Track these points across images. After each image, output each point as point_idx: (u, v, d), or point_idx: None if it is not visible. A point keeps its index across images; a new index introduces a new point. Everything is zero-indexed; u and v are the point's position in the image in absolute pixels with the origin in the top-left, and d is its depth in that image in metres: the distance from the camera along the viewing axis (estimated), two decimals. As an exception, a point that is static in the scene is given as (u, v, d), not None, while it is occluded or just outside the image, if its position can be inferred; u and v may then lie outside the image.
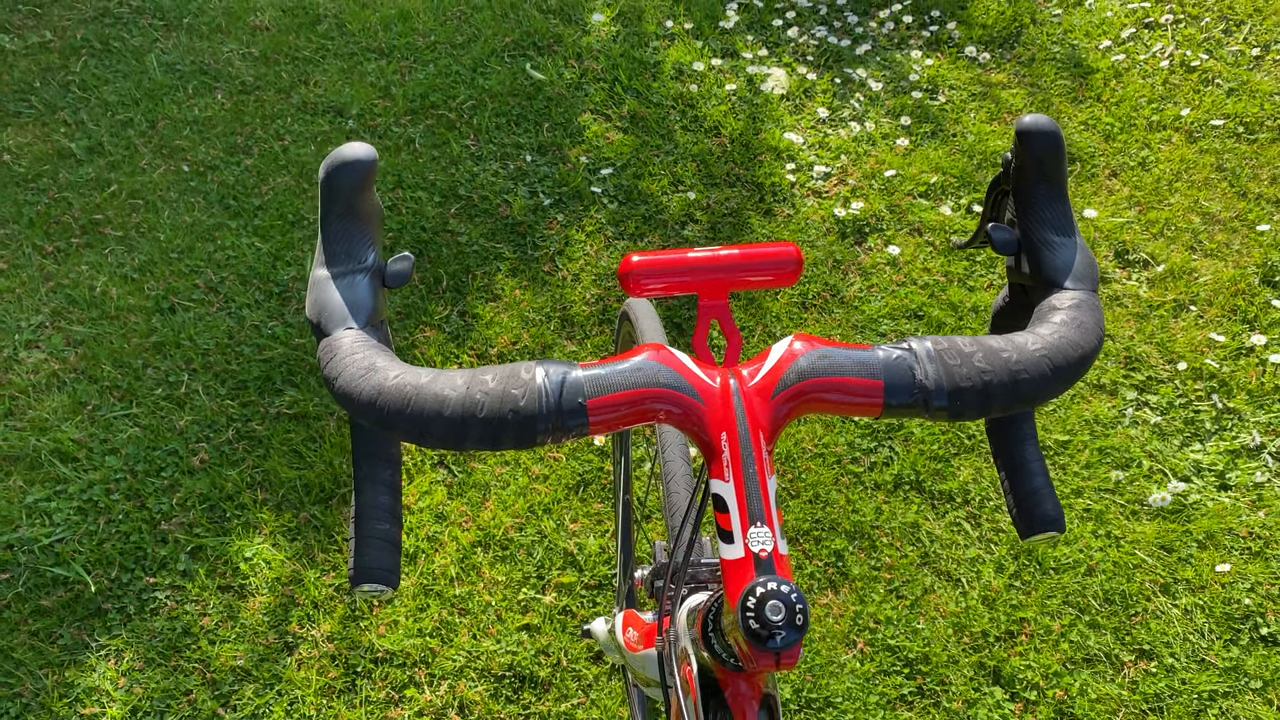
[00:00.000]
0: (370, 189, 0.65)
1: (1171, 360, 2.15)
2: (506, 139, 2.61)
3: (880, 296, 2.28)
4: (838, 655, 1.75)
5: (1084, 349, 0.64)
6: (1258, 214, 2.41)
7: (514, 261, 2.35)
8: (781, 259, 0.74)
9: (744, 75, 2.78)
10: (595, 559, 1.87)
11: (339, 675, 1.74)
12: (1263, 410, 2.05)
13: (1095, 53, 2.84)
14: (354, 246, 0.65)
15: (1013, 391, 0.62)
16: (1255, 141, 2.58)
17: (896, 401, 0.61)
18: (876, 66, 2.82)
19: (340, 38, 2.90)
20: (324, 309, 0.64)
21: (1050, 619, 1.79)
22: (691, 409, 0.61)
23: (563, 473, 1.98)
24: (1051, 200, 0.68)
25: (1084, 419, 2.06)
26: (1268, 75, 2.73)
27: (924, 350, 0.62)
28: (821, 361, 0.61)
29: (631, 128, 2.64)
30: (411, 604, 1.82)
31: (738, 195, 2.49)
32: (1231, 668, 1.73)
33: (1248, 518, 1.90)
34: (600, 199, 2.48)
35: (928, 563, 1.87)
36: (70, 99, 2.74)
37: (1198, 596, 1.82)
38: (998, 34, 2.91)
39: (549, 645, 1.76)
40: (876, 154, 2.59)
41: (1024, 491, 0.70)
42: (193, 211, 2.46)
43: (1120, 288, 2.29)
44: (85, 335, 2.21)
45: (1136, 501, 1.94)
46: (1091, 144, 2.60)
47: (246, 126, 2.66)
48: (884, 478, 1.97)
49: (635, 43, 2.86)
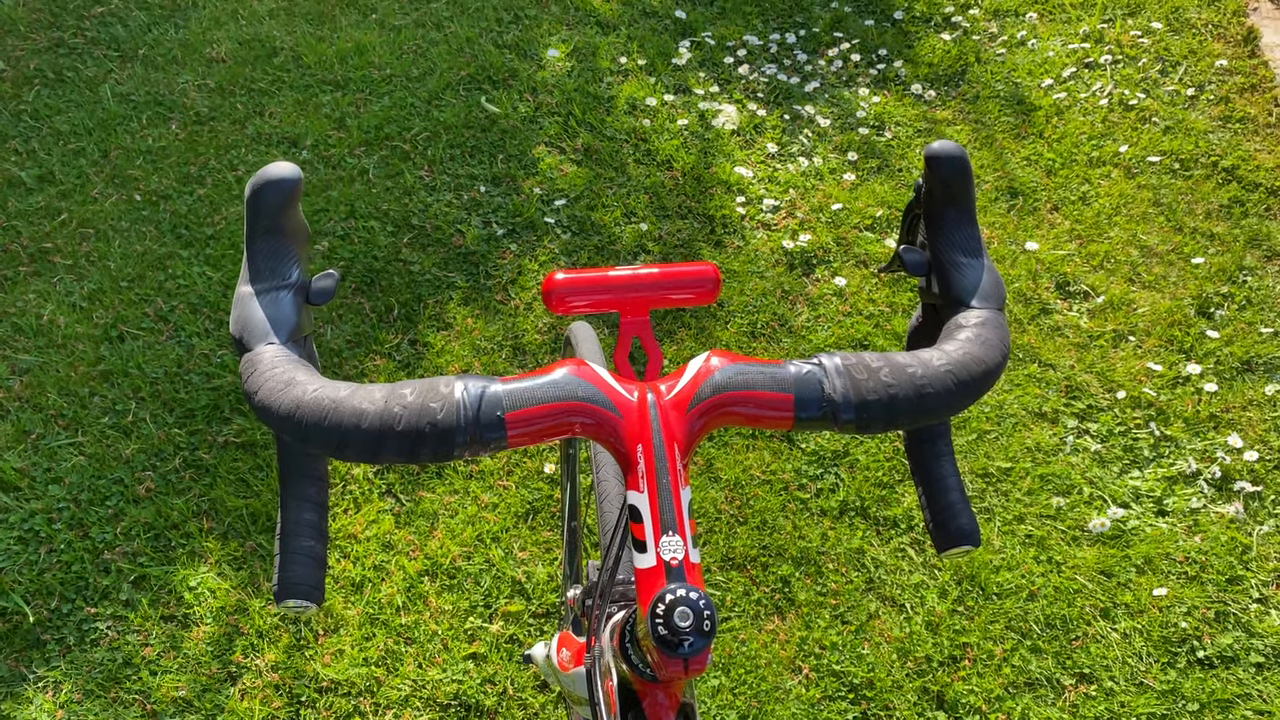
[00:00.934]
0: (295, 207, 0.66)
1: (1111, 389, 2.20)
2: (461, 170, 2.64)
3: (827, 326, 2.31)
4: (783, 681, 1.76)
5: (988, 364, 0.66)
6: (1193, 247, 2.48)
7: (466, 290, 2.36)
8: (700, 278, 0.76)
9: (696, 111, 2.83)
10: (543, 587, 1.87)
11: (283, 705, 1.72)
12: (1198, 438, 2.10)
13: (1037, 91, 2.92)
14: (278, 263, 0.66)
15: (918, 405, 0.64)
16: (1190, 177, 2.66)
17: (806, 415, 0.63)
18: (825, 103, 2.88)
19: (296, 70, 2.91)
20: (246, 324, 0.65)
21: (993, 644, 1.82)
22: (607, 421, 0.62)
23: (512, 501, 1.98)
24: (960, 223, 0.71)
25: (1026, 446, 2.10)
26: (1202, 114, 2.82)
27: (833, 365, 0.64)
28: (736, 376, 0.63)
29: (585, 160, 2.68)
30: (357, 633, 1.81)
31: (689, 227, 2.52)
32: (1169, 690, 1.76)
33: (1184, 543, 1.95)
34: (554, 229, 2.50)
35: (873, 588, 1.89)
36: (21, 128, 2.73)
37: (1136, 620, 1.85)
38: (943, 72, 2.98)
39: (495, 674, 1.76)
40: (824, 188, 2.64)
41: (940, 506, 0.72)
42: (144, 240, 2.45)
43: (1061, 318, 2.34)
44: (31, 364, 2.19)
45: (1077, 527, 1.97)
46: (1034, 179, 2.67)
47: (200, 157, 2.66)
48: (830, 504, 2.00)
49: (589, 78, 2.91)
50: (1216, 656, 1.80)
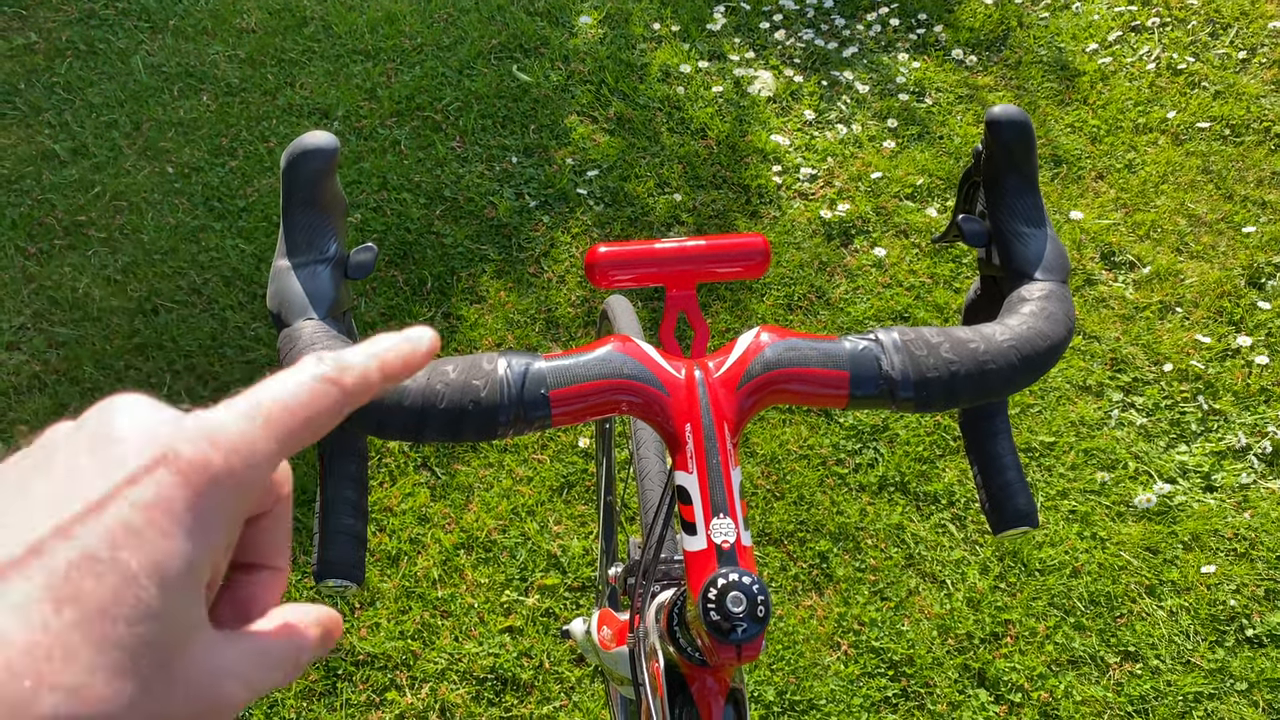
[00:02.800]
0: (332, 178, 0.64)
1: (1157, 362, 2.15)
2: (492, 141, 2.61)
3: (866, 298, 2.27)
4: (822, 657, 1.74)
5: (1052, 339, 0.63)
6: (1243, 216, 2.41)
7: (499, 263, 2.34)
8: (749, 250, 0.73)
9: (731, 78, 2.78)
10: (579, 561, 1.85)
11: (319, 678, 1.72)
12: (1248, 411, 2.05)
13: (1082, 56, 2.84)
14: (315, 237, 0.64)
15: (980, 382, 0.61)
16: (1241, 144, 2.58)
17: (862, 393, 0.60)
18: (863, 69, 2.82)
19: (326, 40, 2.89)
20: (284, 299, 0.63)
21: (1035, 621, 1.79)
22: (655, 400, 0.60)
23: (546, 475, 1.97)
24: (1021, 191, 0.68)
25: (1070, 421, 2.05)
26: (1254, 78, 2.74)
27: (891, 341, 0.61)
28: (788, 353, 0.61)
29: (618, 130, 2.64)
30: (393, 606, 1.81)
31: (724, 197, 2.48)
32: (1217, 669, 1.73)
33: (1233, 519, 1.90)
34: (586, 201, 2.47)
35: (912, 564, 1.86)
36: (55, 101, 2.73)
37: (1183, 598, 1.81)
38: (984, 37, 2.91)
39: (532, 648, 1.75)
40: (863, 156, 2.59)
41: (996, 486, 0.70)
42: (177, 213, 2.45)
43: (1106, 289, 2.29)
44: (67, 337, 2.19)
45: (1122, 503, 1.93)
46: (1078, 146, 2.60)
47: (232, 129, 2.65)
48: (869, 479, 1.97)
49: (622, 45, 2.86)
50: (1266, 635, 1.76)
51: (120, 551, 0.29)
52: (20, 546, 0.28)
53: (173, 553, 0.29)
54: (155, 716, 0.29)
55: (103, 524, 0.29)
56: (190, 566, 0.30)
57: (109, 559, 0.28)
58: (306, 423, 0.35)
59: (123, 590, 0.28)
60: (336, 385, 0.36)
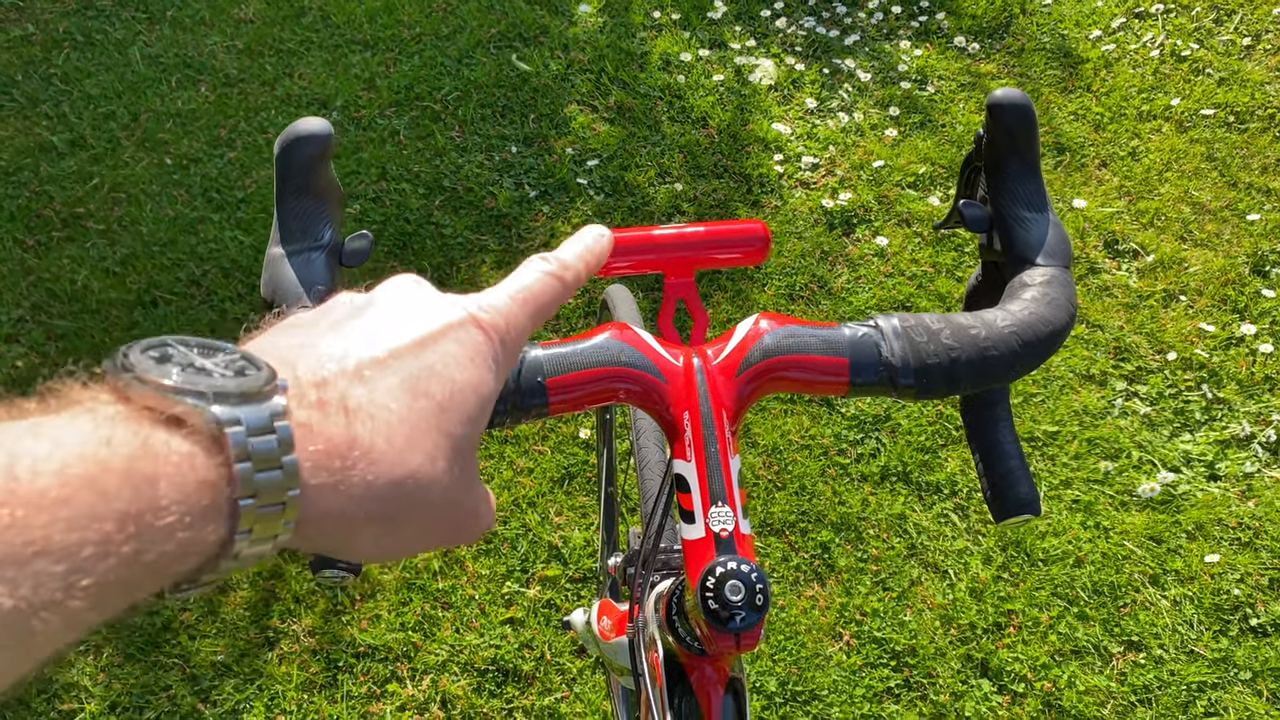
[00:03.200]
0: (326, 164, 0.63)
1: (1161, 350, 2.14)
2: (492, 130, 2.60)
3: (868, 288, 2.26)
4: (824, 648, 1.74)
5: (1055, 325, 0.62)
6: (1248, 203, 2.40)
7: (499, 254, 2.33)
8: (749, 236, 0.72)
9: (732, 66, 2.76)
10: (580, 552, 1.85)
11: (320, 670, 1.72)
12: (1252, 400, 2.04)
13: (1085, 42, 2.82)
14: (310, 224, 0.63)
15: (981, 368, 0.60)
16: (1246, 131, 2.56)
17: (862, 380, 0.60)
18: (865, 57, 2.80)
19: (325, 30, 2.88)
20: (278, 287, 0.62)
21: (1038, 610, 1.78)
22: (653, 388, 0.59)
23: (547, 466, 1.96)
24: (1023, 176, 0.67)
25: (1073, 410, 2.04)
26: (1258, 65, 2.72)
27: (890, 328, 0.60)
28: (787, 339, 0.60)
29: (618, 119, 2.63)
30: (394, 598, 1.80)
31: (725, 186, 2.47)
32: (1220, 659, 1.72)
33: (1237, 508, 1.89)
34: (586, 190, 2.46)
35: (915, 554, 1.86)
36: (52, 92, 2.72)
37: (1187, 587, 1.80)
38: (987, 24, 2.89)
39: (533, 639, 1.75)
40: (865, 145, 2.58)
41: (998, 474, 0.69)
42: (175, 205, 2.44)
43: (1110, 278, 2.28)
44: (66, 329, 2.19)
45: (1126, 492, 1.92)
46: (1081, 134, 2.59)
47: (230, 119, 2.64)
48: (871, 469, 1.96)
49: (622, 34, 2.85)
50: (1270, 624, 1.75)
51: (451, 369, 0.39)
52: (382, 350, 0.37)
53: (483, 381, 0.40)
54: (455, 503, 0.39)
55: (439, 349, 0.39)
56: (491, 394, 0.40)
57: (444, 374, 0.38)
58: (545, 306, 0.46)
59: (454, 396, 0.38)
60: (560, 279, 0.47)
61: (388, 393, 0.36)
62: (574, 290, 0.48)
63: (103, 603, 0.27)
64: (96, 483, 0.27)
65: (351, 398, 0.35)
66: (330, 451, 0.34)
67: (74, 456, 0.27)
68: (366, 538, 0.36)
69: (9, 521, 0.25)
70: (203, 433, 0.31)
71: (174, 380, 0.31)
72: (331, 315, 0.41)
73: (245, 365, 0.34)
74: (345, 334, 0.38)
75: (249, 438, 0.31)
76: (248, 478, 0.31)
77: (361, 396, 0.36)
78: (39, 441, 0.27)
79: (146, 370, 0.31)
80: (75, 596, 0.26)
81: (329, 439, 0.34)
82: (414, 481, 0.36)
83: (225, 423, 0.31)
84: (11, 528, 0.25)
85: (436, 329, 0.39)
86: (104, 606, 0.28)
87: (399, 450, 0.35)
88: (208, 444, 0.31)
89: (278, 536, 0.33)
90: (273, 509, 0.32)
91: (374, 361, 0.37)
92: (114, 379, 0.31)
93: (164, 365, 0.32)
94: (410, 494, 0.36)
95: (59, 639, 0.27)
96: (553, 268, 0.47)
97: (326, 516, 0.35)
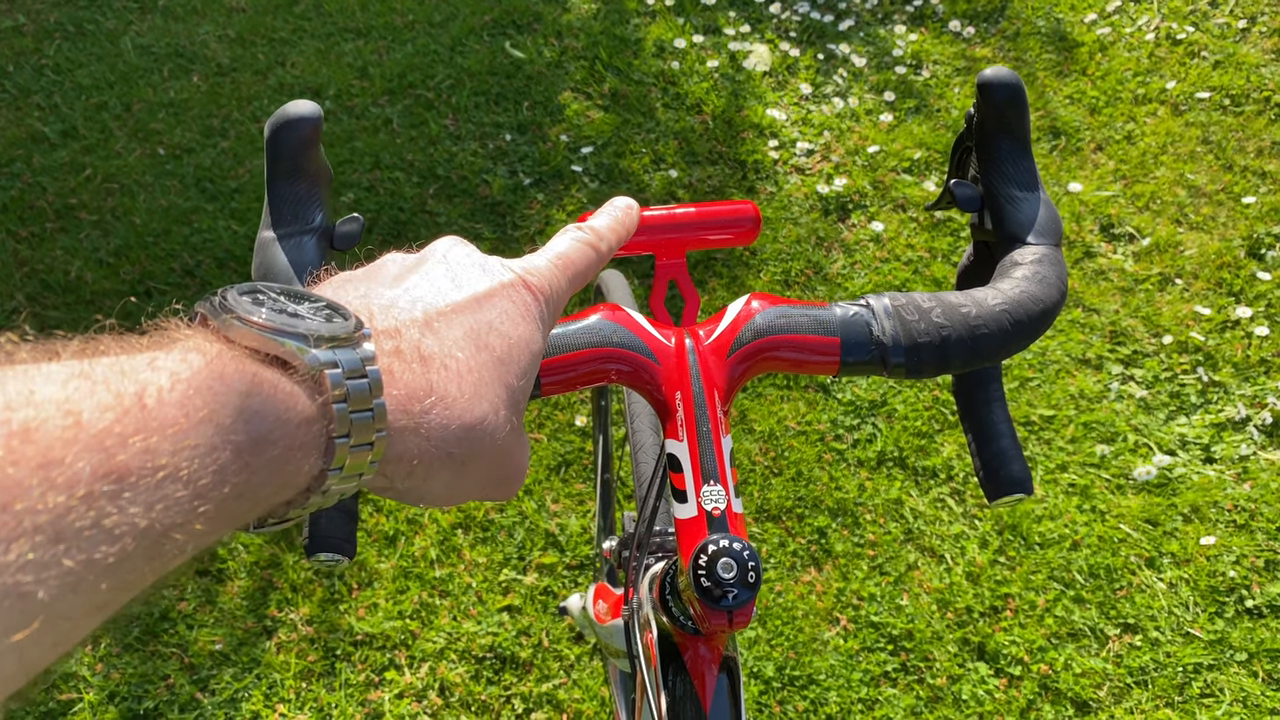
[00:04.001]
0: (316, 147, 0.63)
1: (1157, 334, 2.14)
2: (486, 118, 2.59)
3: (864, 273, 2.26)
4: (821, 632, 1.74)
5: (1045, 303, 0.62)
6: (1243, 186, 2.39)
7: (494, 242, 2.33)
8: (739, 217, 0.72)
9: (726, 52, 2.75)
10: (577, 539, 1.85)
11: (318, 658, 1.72)
12: (1248, 383, 2.04)
13: (1080, 26, 2.82)
14: (300, 207, 0.63)
15: (972, 347, 0.60)
16: (1241, 114, 2.56)
17: (853, 359, 0.60)
18: (860, 42, 2.79)
19: (317, 18, 2.86)
20: (269, 270, 0.62)
21: (1035, 594, 1.78)
22: (645, 368, 0.59)
23: (544, 453, 1.96)
24: (1014, 155, 0.67)
25: (1069, 394, 2.04)
26: (1254, 47, 2.71)
27: (882, 307, 0.60)
28: (779, 319, 0.60)
29: (612, 106, 2.62)
30: (391, 586, 1.80)
31: (720, 173, 2.47)
32: (1216, 640, 1.72)
33: (1233, 491, 1.89)
34: (581, 178, 2.45)
35: (911, 539, 1.86)
36: (44, 83, 2.70)
37: (1183, 570, 1.81)
38: (982, 8, 2.88)
39: (530, 626, 1.75)
40: (860, 130, 2.57)
41: (990, 453, 0.69)
42: (168, 195, 2.43)
43: (1105, 261, 2.28)
44: (60, 320, 2.18)
45: (1122, 475, 1.93)
46: (1077, 118, 2.58)
47: (223, 109, 2.63)
48: (867, 454, 1.96)
49: (616, 20, 2.83)
50: (1266, 605, 1.76)
51: (506, 325, 0.41)
52: (445, 303, 0.40)
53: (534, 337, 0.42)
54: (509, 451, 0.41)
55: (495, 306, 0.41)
56: (540, 352, 0.43)
57: (501, 329, 0.41)
58: (582, 273, 0.48)
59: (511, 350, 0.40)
60: (595, 249, 0.49)
61: (455, 343, 0.38)
62: (607, 259, 0.51)
63: (217, 527, 0.29)
64: (214, 416, 0.29)
65: (425, 346, 0.38)
66: (410, 395, 0.36)
67: (194, 389, 0.29)
68: (439, 479, 0.38)
69: (143, 448, 0.26)
70: (304, 373, 0.33)
71: (276, 323, 0.33)
72: (386, 271, 0.43)
73: (332, 312, 0.36)
74: (407, 287, 0.41)
75: (346, 379, 0.33)
76: (344, 417, 0.33)
77: (433, 345, 0.38)
78: (159, 374, 0.28)
79: (248, 312, 0.33)
80: (197, 520, 0.28)
81: (408, 384, 0.36)
82: (482, 428, 0.38)
83: (325, 364, 0.33)
84: (146, 453, 0.26)
85: (492, 286, 0.42)
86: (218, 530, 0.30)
87: (469, 398, 0.38)
88: (309, 384, 0.33)
89: (363, 475, 0.35)
90: (363, 448, 0.34)
91: (439, 313, 0.39)
92: (214, 320, 0.33)
93: (260, 309, 0.34)
94: (479, 439, 0.38)
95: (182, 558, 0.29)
96: (589, 237, 0.49)
97: (405, 456, 0.36)
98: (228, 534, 0.31)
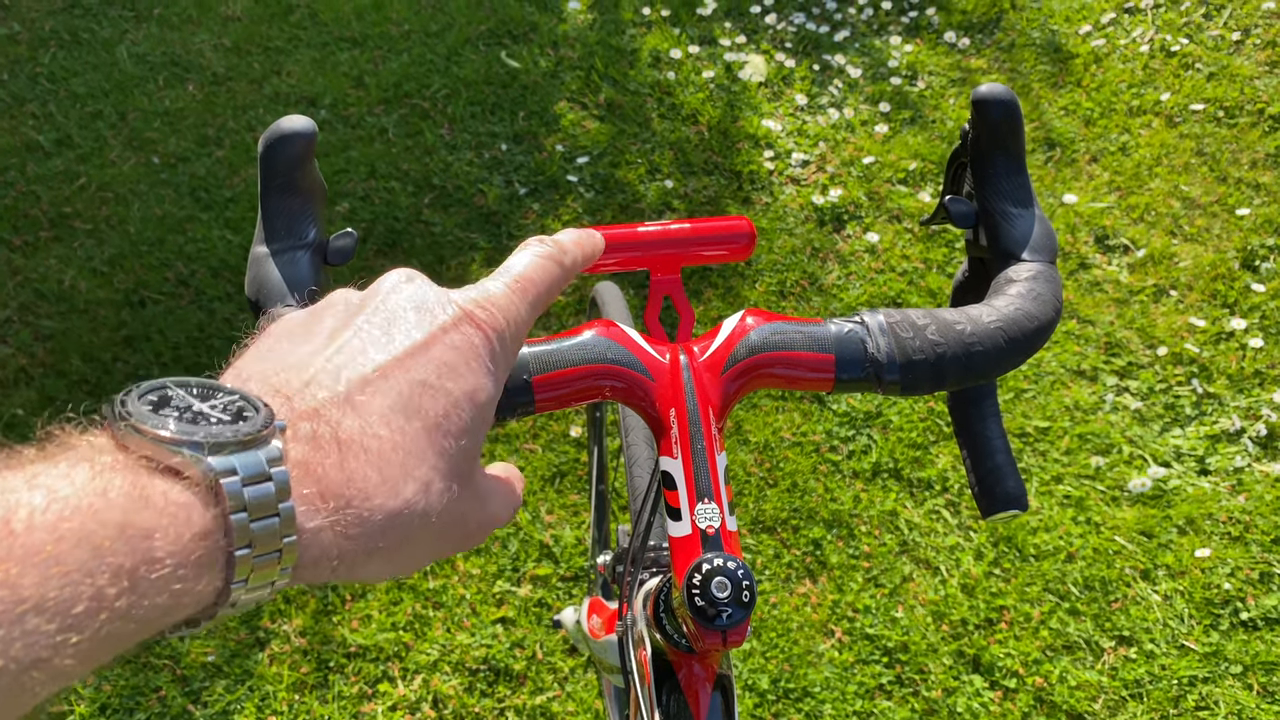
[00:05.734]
0: (310, 162, 0.63)
1: (1152, 345, 2.14)
2: (481, 128, 2.59)
3: (859, 284, 2.26)
4: (816, 645, 1.74)
5: (1040, 320, 0.62)
6: (1238, 198, 2.40)
7: (489, 251, 2.33)
8: (734, 233, 0.72)
9: (722, 62, 2.76)
10: (571, 550, 1.84)
11: (311, 670, 1.71)
12: (1243, 394, 2.04)
13: (1075, 38, 2.83)
14: (294, 222, 0.63)
15: (966, 364, 0.60)
16: (1235, 126, 2.57)
17: (848, 375, 0.59)
18: (855, 53, 2.80)
19: (313, 27, 2.86)
20: (262, 286, 0.62)
21: (1030, 606, 1.78)
22: (639, 385, 0.59)
23: (538, 464, 1.96)
24: (1009, 171, 0.67)
25: (1064, 405, 2.05)
26: (1248, 60, 2.72)
27: (876, 323, 0.60)
28: (773, 336, 0.60)
29: (608, 116, 2.62)
30: (384, 598, 1.79)
31: (715, 183, 2.47)
32: (1211, 653, 1.72)
33: (1228, 502, 1.89)
34: (576, 188, 2.45)
35: (906, 551, 1.86)
36: (39, 91, 2.70)
37: (1178, 582, 1.81)
38: (977, 19, 2.89)
39: (524, 638, 1.74)
40: (855, 141, 2.57)
41: (985, 469, 0.69)
42: (163, 204, 2.42)
43: (1100, 273, 2.28)
44: (54, 330, 2.18)
45: (1116, 487, 1.93)
46: (1071, 129, 2.59)
47: (218, 118, 2.63)
48: (862, 466, 1.96)
49: (611, 30, 2.84)
50: (1261, 618, 1.75)
51: (445, 379, 0.37)
52: (372, 367, 0.36)
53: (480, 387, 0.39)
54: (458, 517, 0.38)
55: (431, 359, 0.38)
56: (490, 399, 0.39)
57: (438, 385, 0.37)
58: (544, 294, 0.45)
59: (451, 409, 0.37)
60: (559, 264, 0.46)
61: (380, 417, 0.35)
62: (572, 276, 0.47)
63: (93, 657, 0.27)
64: (92, 537, 0.27)
65: (344, 429, 0.35)
66: (325, 493, 0.34)
67: (70, 509, 0.27)
68: (370, 569, 0.36)
69: (2, 579, 0.25)
70: (199, 483, 0.31)
71: (170, 431, 0.31)
72: (324, 323, 0.40)
73: (244, 407, 0.33)
74: (338, 348, 0.38)
75: (244, 487, 0.31)
76: (243, 527, 0.31)
77: (353, 427, 0.35)
78: (35, 493, 0.27)
79: (143, 419, 0.31)
80: (66, 654, 0.26)
81: (322, 478, 0.34)
82: (409, 513, 0.35)
83: (221, 473, 0.31)
84: (4, 585, 0.25)
85: (430, 334, 0.38)
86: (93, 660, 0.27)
87: (393, 482, 0.35)
88: (204, 494, 0.31)
89: (275, 582, 0.33)
90: (269, 556, 0.32)
91: (364, 382, 0.36)
92: (112, 426, 0.31)
93: (161, 413, 0.32)
94: (406, 525, 0.35)
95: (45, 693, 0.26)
96: (551, 250, 0.47)
97: (324, 557, 0.34)
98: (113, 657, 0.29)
